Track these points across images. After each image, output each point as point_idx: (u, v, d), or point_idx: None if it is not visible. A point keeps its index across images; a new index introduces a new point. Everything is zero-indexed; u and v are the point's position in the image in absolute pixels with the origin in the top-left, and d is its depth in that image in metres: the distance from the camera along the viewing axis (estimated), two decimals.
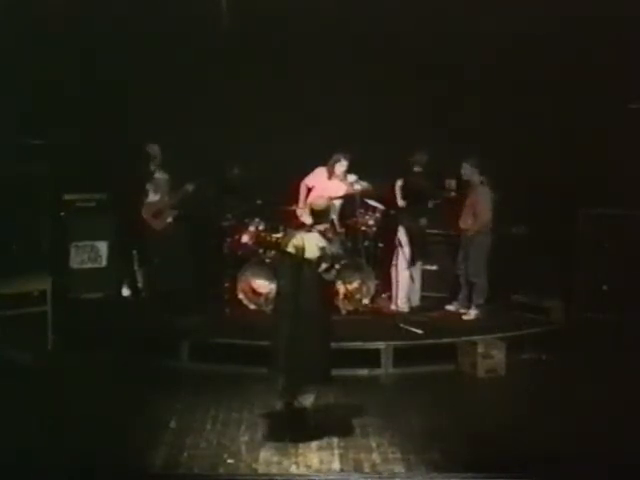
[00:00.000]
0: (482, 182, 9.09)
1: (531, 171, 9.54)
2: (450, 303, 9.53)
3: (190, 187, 9.35)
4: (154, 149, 9.39)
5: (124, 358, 7.82)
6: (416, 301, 9.46)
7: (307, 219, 6.53)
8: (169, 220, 9.51)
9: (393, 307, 9.30)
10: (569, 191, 9.45)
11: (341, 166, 9.22)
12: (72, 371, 7.69)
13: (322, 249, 6.19)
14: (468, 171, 9.13)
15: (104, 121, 9.61)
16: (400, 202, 9.29)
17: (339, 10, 9.77)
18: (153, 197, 9.43)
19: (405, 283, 9.25)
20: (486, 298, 9.17)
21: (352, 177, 9.15)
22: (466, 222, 9.17)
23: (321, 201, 6.68)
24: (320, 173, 9.37)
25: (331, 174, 9.29)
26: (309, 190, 9.38)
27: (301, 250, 6.19)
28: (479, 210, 9.04)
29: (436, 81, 9.90)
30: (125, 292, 9.79)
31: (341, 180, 9.24)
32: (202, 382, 7.53)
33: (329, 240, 6.46)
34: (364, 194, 9.23)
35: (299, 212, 9.13)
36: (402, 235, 9.24)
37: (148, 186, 9.39)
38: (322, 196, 7.38)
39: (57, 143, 9.07)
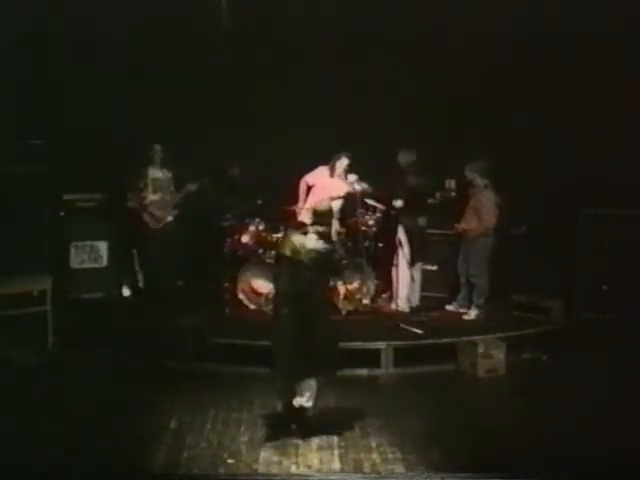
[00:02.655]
0: (486, 186, 9.07)
1: (531, 171, 9.53)
2: (450, 303, 9.54)
3: (193, 187, 9.37)
4: (155, 149, 9.41)
5: (124, 358, 7.82)
6: (416, 301, 9.45)
7: (307, 219, 6.53)
8: (169, 219, 9.52)
9: (393, 306, 9.28)
10: (569, 191, 9.45)
11: (342, 163, 9.21)
12: (72, 371, 7.69)
13: (319, 252, 6.19)
14: (472, 173, 9.11)
15: (104, 120, 9.61)
16: (397, 203, 9.21)
17: (339, 10, 9.77)
18: (153, 196, 9.43)
19: (405, 283, 9.24)
20: (486, 298, 9.17)
21: (352, 177, 9.14)
22: (469, 224, 9.16)
23: (325, 203, 6.72)
24: (322, 171, 9.36)
25: (332, 172, 9.28)
26: (309, 188, 9.37)
27: (298, 252, 6.19)
28: (483, 214, 9.02)
29: (436, 81, 9.90)
30: (125, 292, 9.79)
31: (342, 179, 9.22)
32: (202, 382, 7.53)
33: (328, 242, 6.45)
34: (364, 194, 9.22)
35: (299, 210, 9.12)
36: (401, 234, 9.23)
37: (148, 185, 9.39)
38: (326, 198, 7.41)
39: (57, 143, 9.08)
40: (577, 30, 9.39)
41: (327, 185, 9.19)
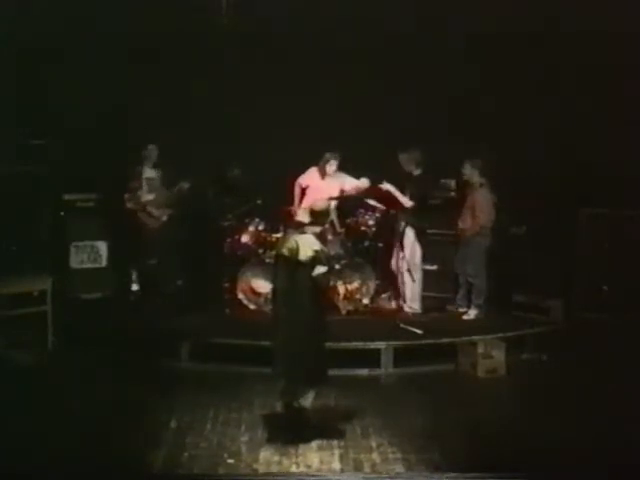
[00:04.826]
0: (482, 184, 9.06)
1: (531, 171, 9.53)
2: (450, 303, 9.52)
3: (185, 185, 9.36)
4: (149, 148, 9.40)
5: (124, 358, 7.82)
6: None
7: (304, 219, 6.54)
8: (164, 218, 9.49)
9: (407, 308, 9.22)
10: (569, 191, 9.45)
11: (331, 165, 9.23)
12: (72, 371, 7.70)
13: (315, 252, 6.18)
14: (469, 172, 9.11)
15: (103, 120, 9.61)
16: (408, 203, 9.14)
17: (337, 10, 9.77)
18: (149, 196, 9.41)
19: (411, 283, 9.20)
20: (486, 298, 9.16)
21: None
22: (465, 223, 9.15)
23: (321, 202, 6.72)
24: (313, 173, 9.38)
25: (323, 174, 9.30)
26: (303, 190, 9.38)
27: (295, 252, 6.18)
28: (477, 213, 9.00)
29: (435, 81, 9.90)
30: (125, 291, 9.78)
31: (335, 179, 9.22)
32: (202, 382, 7.53)
33: (325, 242, 6.45)
34: (364, 193, 9.21)
35: (294, 211, 9.13)
36: (408, 235, 9.16)
37: (143, 185, 9.38)
38: (323, 198, 7.42)
39: (57, 143, 9.07)
40: (578, 29, 9.40)
41: (320, 185, 9.21)
